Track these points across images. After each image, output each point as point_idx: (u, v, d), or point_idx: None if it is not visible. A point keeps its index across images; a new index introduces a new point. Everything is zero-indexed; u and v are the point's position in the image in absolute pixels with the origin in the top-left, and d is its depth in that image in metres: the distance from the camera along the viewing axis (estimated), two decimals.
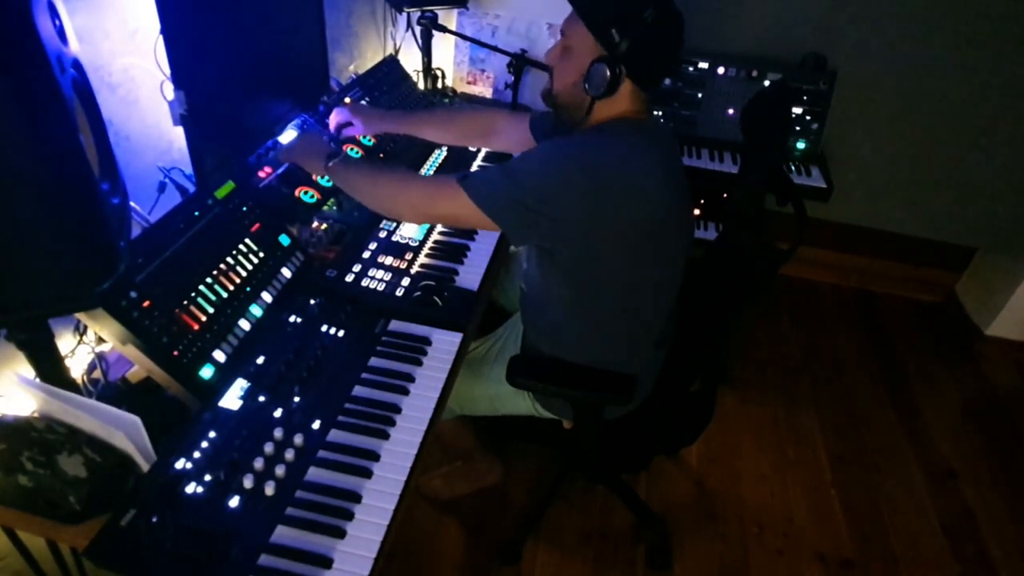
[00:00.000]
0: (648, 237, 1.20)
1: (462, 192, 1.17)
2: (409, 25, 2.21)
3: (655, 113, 2.34)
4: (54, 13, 0.80)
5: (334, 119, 1.60)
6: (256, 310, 1.19)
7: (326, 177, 1.42)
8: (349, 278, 1.34)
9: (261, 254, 1.25)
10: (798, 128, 2.31)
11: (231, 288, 1.16)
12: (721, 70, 2.27)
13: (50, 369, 0.99)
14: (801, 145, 2.32)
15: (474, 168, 1.83)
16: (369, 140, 1.69)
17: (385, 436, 1.06)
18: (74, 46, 0.87)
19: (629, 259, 1.21)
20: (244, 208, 1.28)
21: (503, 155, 1.92)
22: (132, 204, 1.09)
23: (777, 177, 1.44)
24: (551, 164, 1.15)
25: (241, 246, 1.22)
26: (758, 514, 1.95)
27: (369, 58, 2.16)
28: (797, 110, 2.29)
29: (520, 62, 2.19)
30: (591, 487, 1.93)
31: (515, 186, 1.14)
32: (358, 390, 1.13)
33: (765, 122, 1.43)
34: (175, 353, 1.03)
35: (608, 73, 1.14)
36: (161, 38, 1.12)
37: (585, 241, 1.17)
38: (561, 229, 1.15)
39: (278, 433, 1.01)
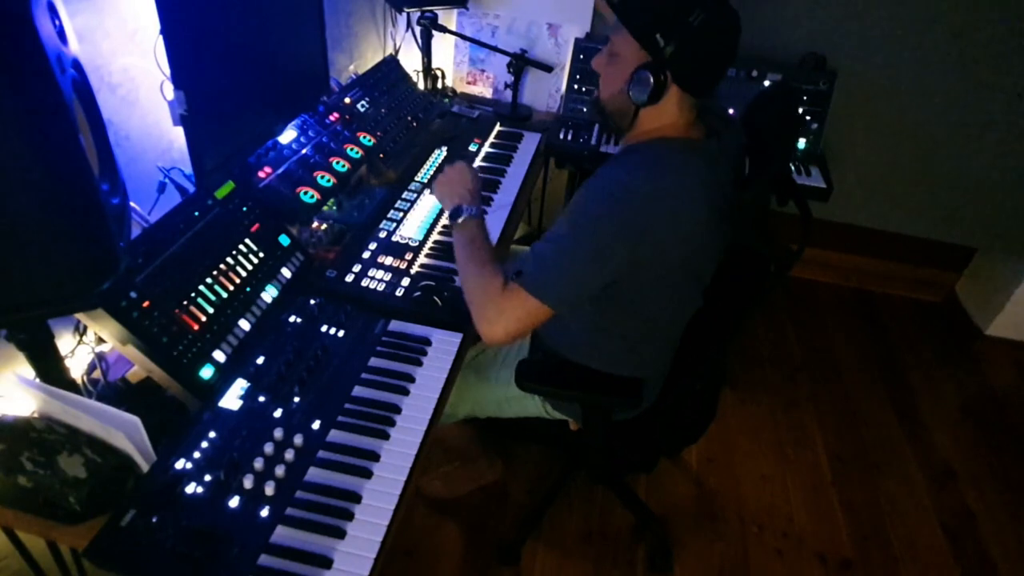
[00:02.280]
0: (683, 271, 1.19)
1: (528, 297, 1.12)
2: (409, 25, 2.21)
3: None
4: (54, 13, 0.80)
5: None
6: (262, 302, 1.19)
7: (327, 178, 1.40)
8: (349, 278, 1.34)
9: (261, 254, 1.25)
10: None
11: (231, 288, 1.16)
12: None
13: (50, 369, 0.99)
14: (801, 145, 2.31)
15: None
16: (369, 140, 1.69)
17: (385, 436, 1.06)
18: (74, 46, 0.87)
19: (660, 288, 1.20)
20: (244, 208, 1.28)
21: (500, 156, 1.93)
22: (132, 204, 1.09)
23: (780, 177, 1.43)
24: (604, 211, 1.11)
25: (241, 246, 1.22)
26: (758, 514, 1.95)
27: (369, 58, 2.16)
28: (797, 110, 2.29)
29: (520, 62, 2.19)
30: (591, 487, 1.93)
31: (574, 262, 1.12)
32: (358, 390, 1.13)
33: (771, 125, 1.42)
34: (175, 353, 1.02)
35: (652, 80, 1.10)
36: (161, 38, 1.12)
37: (623, 277, 1.16)
38: (610, 272, 1.14)
39: (278, 433, 1.01)
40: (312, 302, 1.25)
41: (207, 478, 0.93)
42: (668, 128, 1.18)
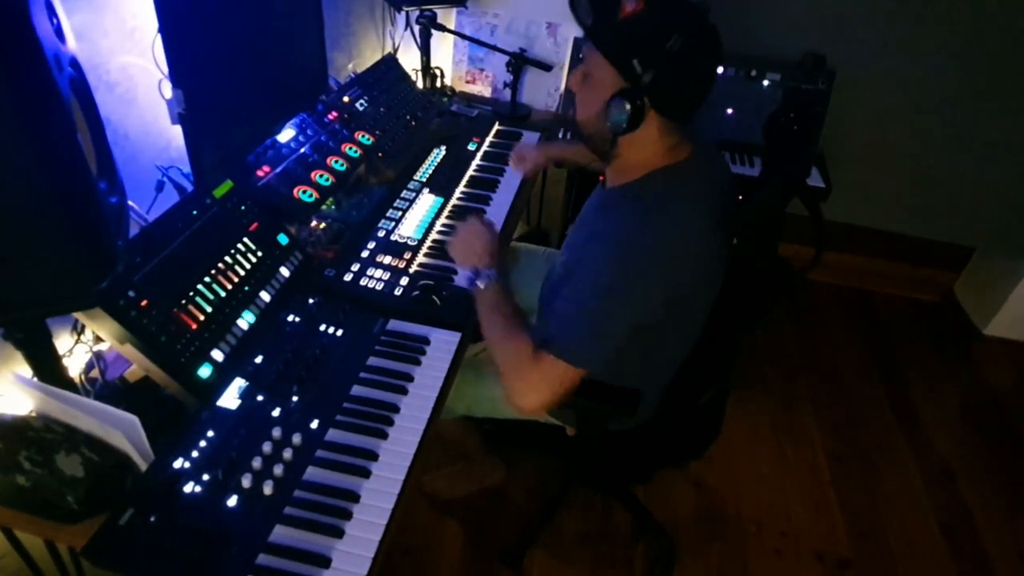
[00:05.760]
0: (681, 298, 1.15)
1: (558, 362, 1.08)
2: (408, 24, 2.21)
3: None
4: (52, 11, 0.80)
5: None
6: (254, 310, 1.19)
7: (326, 177, 1.39)
8: (348, 277, 1.34)
9: (259, 253, 1.25)
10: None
11: (229, 287, 1.16)
12: (720, 70, 2.26)
13: (48, 368, 0.98)
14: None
15: (470, 172, 1.83)
16: (368, 139, 1.69)
17: (384, 436, 1.06)
18: (72, 44, 0.87)
19: (681, 320, 1.19)
20: (242, 207, 1.27)
21: (499, 155, 1.92)
22: (130, 203, 1.09)
23: (793, 183, 1.40)
24: (618, 284, 1.08)
25: (239, 245, 1.22)
26: (756, 513, 1.95)
27: (368, 57, 2.16)
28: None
29: (519, 61, 2.19)
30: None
31: (601, 324, 1.09)
32: (356, 389, 1.13)
33: (787, 133, 1.39)
34: (173, 352, 1.02)
35: (629, 107, 1.04)
36: (159, 36, 1.11)
37: (648, 323, 1.13)
38: (635, 328, 1.11)
39: (276, 432, 1.01)
40: (311, 301, 1.25)
41: (205, 477, 0.93)
42: (656, 157, 1.14)
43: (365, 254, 1.41)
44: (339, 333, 1.21)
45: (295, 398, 1.07)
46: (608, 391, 1.27)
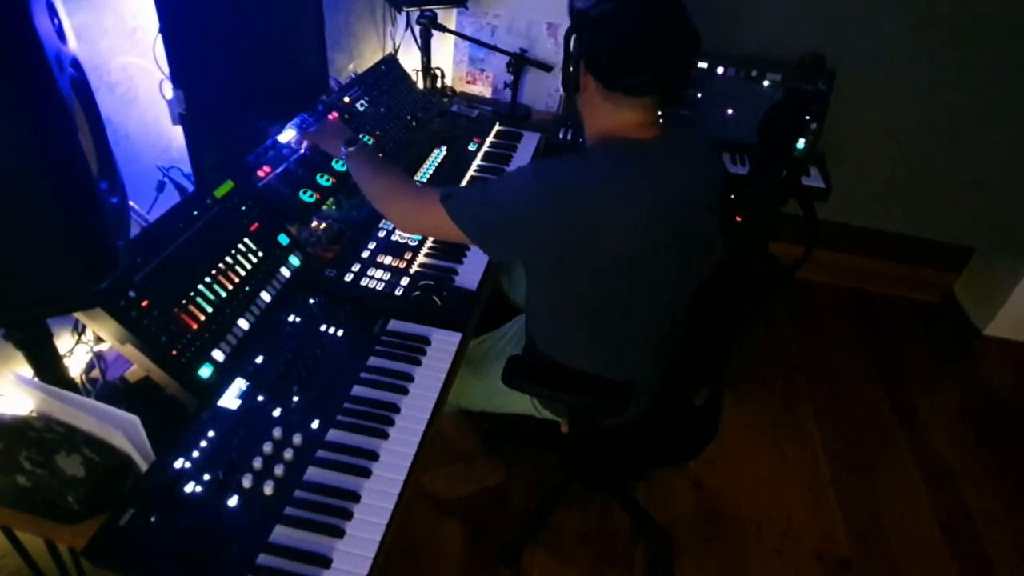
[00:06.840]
0: (624, 266, 1.17)
1: (442, 210, 1.18)
2: (408, 24, 2.21)
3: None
4: (53, 12, 0.80)
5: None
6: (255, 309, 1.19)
7: (327, 177, 1.42)
8: (348, 278, 1.34)
9: (260, 253, 1.25)
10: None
11: (230, 288, 1.16)
12: (720, 70, 2.27)
13: (48, 368, 0.98)
14: (800, 145, 2.32)
15: (470, 172, 1.83)
16: (368, 140, 1.69)
17: (384, 436, 1.06)
18: (73, 45, 0.87)
19: (604, 283, 1.20)
20: (243, 207, 1.28)
21: (500, 156, 1.93)
22: (131, 203, 1.09)
23: (788, 182, 1.41)
24: (525, 189, 1.15)
25: (240, 245, 1.22)
26: (756, 514, 1.95)
27: (368, 57, 2.16)
28: None
29: (519, 62, 2.19)
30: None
31: (490, 208, 1.16)
32: (357, 390, 1.13)
33: (779, 133, 1.41)
34: (174, 352, 1.02)
35: (572, 69, 1.16)
36: (160, 37, 1.12)
37: (557, 263, 1.18)
38: (534, 250, 1.18)
39: (277, 433, 1.01)
40: (311, 301, 1.25)
41: (206, 477, 0.93)
42: (618, 129, 1.18)
43: (365, 254, 1.41)
44: (339, 333, 1.21)
45: (295, 398, 1.07)
46: (596, 384, 1.28)
